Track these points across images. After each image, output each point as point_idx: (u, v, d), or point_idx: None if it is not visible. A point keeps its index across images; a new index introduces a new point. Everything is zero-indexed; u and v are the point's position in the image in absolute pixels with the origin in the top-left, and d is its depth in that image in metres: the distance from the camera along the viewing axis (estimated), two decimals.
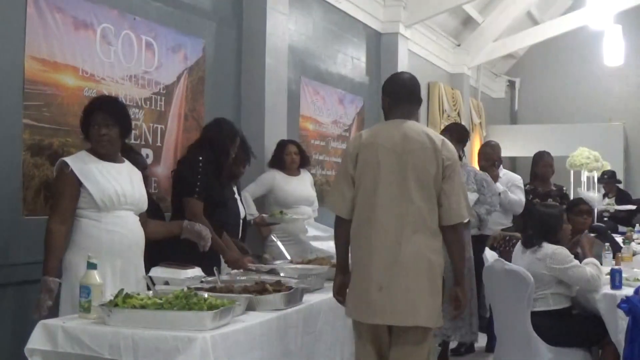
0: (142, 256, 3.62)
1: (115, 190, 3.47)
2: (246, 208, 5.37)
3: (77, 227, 3.46)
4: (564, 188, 6.92)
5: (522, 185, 6.56)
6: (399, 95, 3.45)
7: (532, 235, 4.74)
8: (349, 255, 3.47)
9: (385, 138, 3.34)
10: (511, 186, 6.46)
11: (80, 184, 3.43)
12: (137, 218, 3.62)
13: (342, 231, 3.41)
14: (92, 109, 3.58)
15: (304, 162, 6.03)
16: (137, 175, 3.71)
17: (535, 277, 4.50)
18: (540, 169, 6.87)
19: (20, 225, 3.95)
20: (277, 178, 5.83)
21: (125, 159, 3.74)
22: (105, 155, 3.55)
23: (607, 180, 10.10)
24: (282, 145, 5.94)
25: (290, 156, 5.88)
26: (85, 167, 3.46)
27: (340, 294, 3.47)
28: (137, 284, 3.46)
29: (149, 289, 3.37)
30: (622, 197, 10.23)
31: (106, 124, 3.52)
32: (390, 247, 3.24)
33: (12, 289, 3.88)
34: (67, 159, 3.48)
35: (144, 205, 3.67)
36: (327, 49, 7.81)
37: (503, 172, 6.64)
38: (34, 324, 2.98)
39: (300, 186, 5.91)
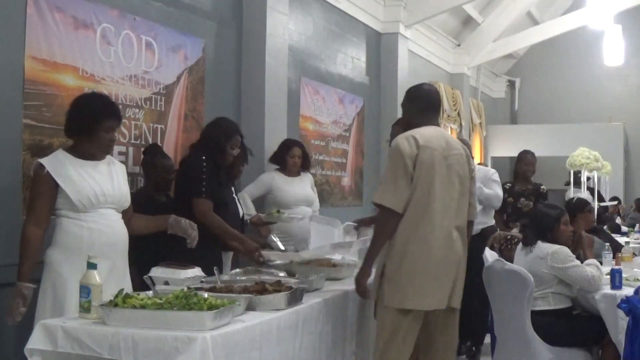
0: (125, 254, 3.58)
1: (94, 190, 3.42)
2: (244, 209, 5.35)
3: (57, 225, 3.43)
4: (542, 187, 6.92)
5: (498, 179, 6.44)
6: (427, 104, 3.82)
7: (529, 234, 4.83)
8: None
9: (436, 143, 3.67)
10: (487, 180, 6.30)
11: (56, 185, 3.37)
12: (119, 216, 3.58)
13: (392, 224, 3.61)
14: (106, 114, 3.49)
15: (306, 164, 6.02)
16: (120, 171, 3.64)
17: (537, 276, 4.51)
18: (521, 167, 7.00)
19: (20, 226, 3.93)
20: (275, 179, 5.81)
21: (106, 155, 3.71)
22: (86, 154, 3.48)
23: None
24: (287, 146, 5.91)
25: (293, 159, 5.86)
26: (62, 167, 3.40)
27: (365, 285, 3.72)
28: (118, 281, 3.38)
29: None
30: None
31: (114, 129, 3.54)
32: (444, 241, 3.62)
33: (12, 289, 3.87)
34: (43, 160, 3.41)
35: (125, 202, 3.61)
36: (327, 49, 7.81)
37: (477, 168, 6.60)
38: (30, 324, 2.97)
39: (300, 187, 5.89)
